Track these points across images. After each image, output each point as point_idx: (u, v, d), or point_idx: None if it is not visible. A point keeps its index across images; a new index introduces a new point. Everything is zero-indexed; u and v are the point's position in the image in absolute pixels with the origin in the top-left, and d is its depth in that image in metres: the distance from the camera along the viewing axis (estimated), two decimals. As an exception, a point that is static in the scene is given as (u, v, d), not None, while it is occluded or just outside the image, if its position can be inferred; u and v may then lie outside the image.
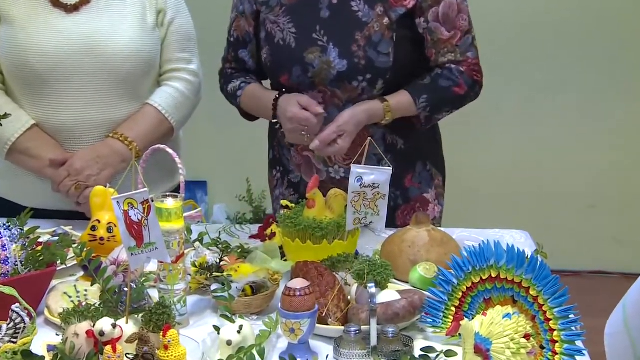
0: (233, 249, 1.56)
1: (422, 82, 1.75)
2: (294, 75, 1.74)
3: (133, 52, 1.80)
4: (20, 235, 1.36)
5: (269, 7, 1.77)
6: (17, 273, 1.33)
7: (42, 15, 1.78)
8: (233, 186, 3.44)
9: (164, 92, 1.88)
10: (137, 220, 1.26)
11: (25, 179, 1.85)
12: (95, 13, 1.80)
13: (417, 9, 1.72)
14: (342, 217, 1.53)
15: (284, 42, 1.74)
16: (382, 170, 1.47)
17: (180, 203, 1.39)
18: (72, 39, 1.76)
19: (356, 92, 1.72)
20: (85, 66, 1.76)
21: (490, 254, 1.27)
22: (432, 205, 1.87)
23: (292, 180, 1.86)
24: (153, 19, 1.85)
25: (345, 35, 1.71)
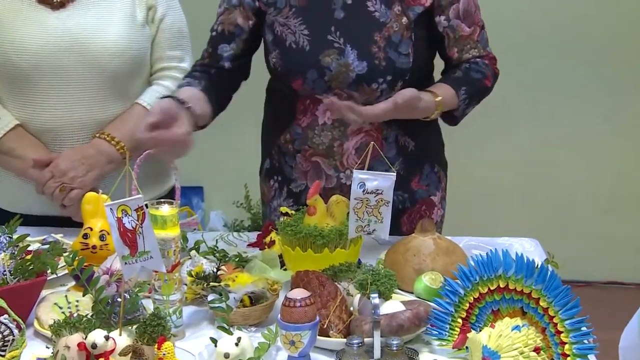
0: (230, 257, 1.51)
1: (456, 76, 1.72)
2: (309, 80, 1.67)
3: (120, 50, 1.75)
4: (9, 243, 1.32)
5: (276, 8, 1.70)
6: (5, 283, 1.29)
7: (27, 11, 1.73)
8: (230, 192, 3.40)
9: (154, 90, 1.84)
10: (131, 228, 1.22)
11: (10, 182, 1.80)
12: (81, 9, 1.75)
13: (436, 7, 1.68)
14: (344, 225, 1.49)
15: (297, 45, 1.67)
16: (385, 175, 1.43)
17: (176, 210, 1.34)
18: (57, 36, 1.71)
19: (374, 94, 1.67)
20: (70, 64, 1.72)
21: (499, 264, 1.23)
22: (436, 209, 1.83)
23: (292, 190, 1.79)
24: (143, 15, 1.81)
25: (363, 36, 1.65)
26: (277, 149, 1.80)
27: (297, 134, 1.73)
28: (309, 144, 1.73)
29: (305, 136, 1.72)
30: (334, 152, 1.71)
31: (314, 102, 1.70)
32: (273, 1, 1.70)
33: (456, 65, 1.75)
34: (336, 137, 1.71)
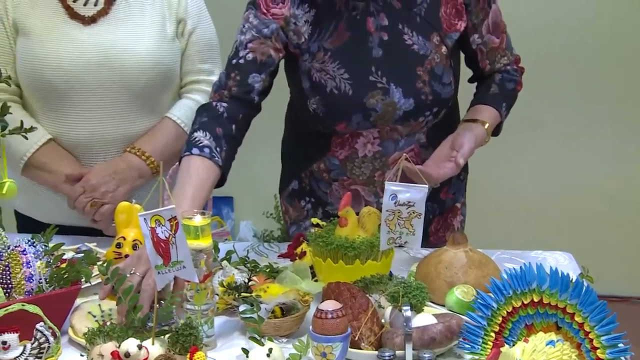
0: (262, 268, 1.52)
1: (493, 92, 1.72)
2: (354, 122, 1.63)
3: (151, 65, 1.76)
4: (44, 252, 1.33)
5: (311, 54, 1.63)
6: (41, 291, 1.30)
7: (59, 27, 1.75)
8: (260, 202, 3.40)
9: (183, 104, 1.85)
10: (164, 238, 1.22)
11: (44, 194, 1.82)
12: (113, 24, 1.76)
13: (470, 27, 1.66)
14: (375, 237, 1.48)
15: (339, 90, 1.62)
16: (418, 188, 1.42)
17: (208, 220, 1.35)
18: (89, 51, 1.73)
19: (419, 126, 1.66)
20: (102, 79, 1.73)
21: (532, 277, 1.21)
22: (458, 215, 1.84)
23: (329, 212, 1.77)
24: (173, 29, 1.81)
25: (406, 72, 1.61)
26: (309, 174, 1.78)
27: (334, 165, 1.72)
28: (348, 174, 1.71)
29: (344, 168, 1.71)
30: (375, 180, 1.70)
31: (353, 136, 1.67)
32: (306, 47, 1.63)
33: (488, 75, 1.74)
34: (377, 168, 1.69)
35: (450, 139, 1.62)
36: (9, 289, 1.28)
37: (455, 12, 1.63)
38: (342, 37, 1.61)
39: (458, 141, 1.60)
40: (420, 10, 1.62)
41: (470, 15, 1.65)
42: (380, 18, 1.61)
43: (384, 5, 1.61)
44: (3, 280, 1.29)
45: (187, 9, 1.83)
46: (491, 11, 1.67)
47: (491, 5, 1.68)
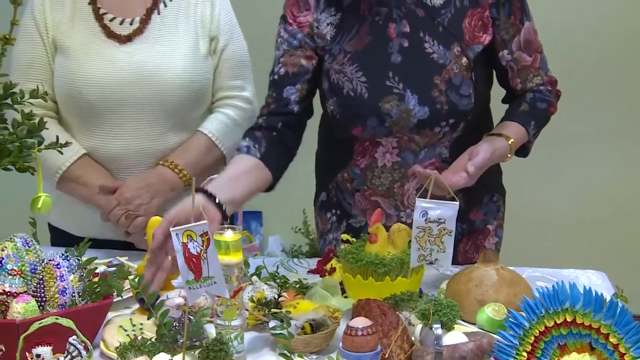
0: (291, 284, 1.52)
1: (522, 109, 1.69)
2: (369, 127, 1.64)
3: (185, 82, 1.79)
4: (78, 265, 1.35)
5: (331, 55, 1.66)
6: (74, 304, 1.32)
7: (96, 45, 1.79)
8: (289, 217, 3.40)
9: (215, 118, 1.87)
10: (195, 253, 1.23)
11: (77, 208, 1.85)
12: (147, 43, 1.80)
13: (499, 42, 1.65)
14: (405, 253, 1.47)
15: (355, 92, 1.63)
16: (448, 205, 1.41)
17: (239, 236, 1.35)
18: (124, 70, 1.76)
19: (437, 137, 1.64)
20: (136, 96, 1.76)
21: (565, 297, 1.19)
22: (491, 237, 1.81)
23: (352, 225, 1.77)
24: (206, 47, 1.84)
25: (422, 80, 1.61)
26: (335, 185, 1.79)
27: (356, 174, 1.72)
28: (368, 184, 1.71)
29: (364, 177, 1.71)
30: (394, 192, 1.70)
31: (373, 144, 1.68)
32: (329, 47, 1.66)
33: (520, 94, 1.72)
34: (396, 179, 1.69)
35: (470, 149, 1.61)
36: (43, 302, 1.30)
37: (481, 24, 1.63)
38: (363, 40, 1.63)
39: (474, 151, 1.59)
40: (444, 20, 1.62)
41: (499, 29, 1.64)
42: (402, 25, 1.62)
43: (407, 13, 1.62)
44: (37, 293, 1.31)
45: (219, 26, 1.85)
46: (524, 28, 1.66)
47: (524, 23, 1.66)
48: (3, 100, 1.34)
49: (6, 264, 1.31)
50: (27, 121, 1.36)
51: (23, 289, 1.30)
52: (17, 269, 1.31)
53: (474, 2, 1.62)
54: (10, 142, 1.34)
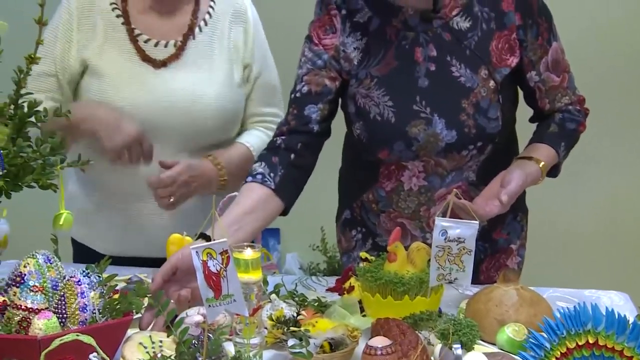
0: (310, 302, 1.52)
1: (551, 131, 1.69)
2: (396, 150, 1.63)
3: (219, 110, 1.81)
4: (98, 282, 1.35)
5: (357, 79, 1.66)
6: (94, 321, 1.32)
7: (130, 69, 1.80)
8: (307, 235, 3.40)
9: (254, 134, 1.90)
10: (215, 271, 1.23)
11: (102, 225, 1.86)
12: (183, 69, 1.81)
13: (526, 63, 1.65)
14: (424, 272, 1.47)
15: (382, 117, 1.63)
16: (468, 224, 1.41)
17: (259, 254, 1.35)
18: (159, 96, 1.77)
19: (464, 160, 1.64)
20: (170, 123, 1.77)
21: (587, 318, 1.18)
22: (513, 256, 1.80)
23: (378, 243, 1.77)
24: (239, 75, 1.86)
25: (450, 104, 1.61)
26: (360, 204, 1.79)
27: (381, 197, 1.72)
28: (394, 207, 1.71)
29: (390, 200, 1.71)
30: (420, 215, 1.69)
31: (399, 168, 1.67)
32: (355, 72, 1.66)
33: (548, 115, 1.71)
34: (422, 202, 1.69)
35: (501, 175, 1.60)
36: (64, 319, 1.31)
37: (508, 47, 1.62)
38: (389, 65, 1.63)
39: (507, 178, 1.58)
40: (470, 44, 1.61)
41: (526, 51, 1.63)
42: (429, 49, 1.62)
43: (434, 37, 1.62)
44: (58, 310, 1.31)
45: (253, 54, 1.88)
46: (551, 49, 1.65)
47: (551, 43, 1.65)
48: (27, 118, 1.36)
49: (28, 281, 1.31)
50: (50, 139, 1.38)
51: (44, 305, 1.30)
52: (38, 286, 1.32)
53: (501, 25, 1.62)
54: (34, 159, 1.36)
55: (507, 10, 1.61)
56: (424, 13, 1.61)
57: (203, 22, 1.84)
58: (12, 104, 1.36)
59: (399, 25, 1.63)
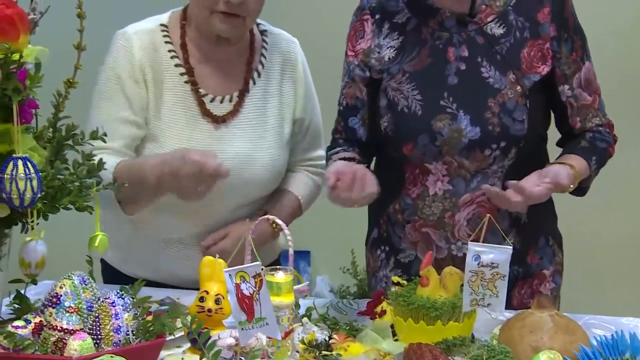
0: (341, 326, 1.51)
1: (582, 145, 1.70)
2: (420, 144, 1.66)
3: (270, 171, 1.82)
4: (132, 304, 1.37)
5: (389, 74, 1.72)
6: (128, 343, 1.33)
7: (187, 129, 1.75)
8: (337, 257, 3.39)
9: (303, 182, 1.93)
10: (248, 294, 1.24)
11: (135, 249, 1.87)
12: (238, 129, 1.79)
13: (559, 76, 1.68)
14: (457, 297, 1.46)
15: (409, 109, 1.68)
16: (502, 249, 1.40)
17: (291, 277, 1.36)
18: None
19: (486, 161, 1.65)
20: (221, 186, 1.68)
21: (625, 347, 1.17)
22: (547, 282, 1.78)
23: (400, 261, 1.77)
24: (289, 129, 1.87)
25: (476, 101, 1.65)
26: (386, 218, 1.79)
27: (407, 204, 1.73)
28: (419, 214, 1.71)
29: (415, 207, 1.71)
30: (445, 223, 1.69)
31: (424, 172, 1.69)
32: (386, 67, 1.72)
33: (578, 134, 1.72)
34: (447, 208, 1.69)
35: (537, 172, 1.60)
36: (99, 340, 1.32)
37: (540, 55, 1.66)
38: (423, 62, 1.69)
39: (546, 169, 1.59)
40: (502, 49, 1.66)
41: (559, 63, 1.67)
42: (461, 49, 1.67)
43: (467, 39, 1.67)
44: (93, 331, 1.32)
45: (304, 108, 1.89)
46: (584, 67, 1.69)
47: (584, 62, 1.69)
48: (65, 141, 1.38)
49: (64, 302, 1.33)
50: (87, 162, 1.40)
51: (79, 326, 1.32)
52: (74, 307, 1.33)
53: (535, 33, 1.66)
54: (71, 181, 1.38)
55: (543, 21, 1.66)
56: (460, 16, 1.68)
57: (257, 74, 1.83)
58: (50, 127, 1.39)
59: (435, 26, 1.70)
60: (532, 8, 1.67)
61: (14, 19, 1.26)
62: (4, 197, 1.27)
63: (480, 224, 1.44)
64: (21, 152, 1.27)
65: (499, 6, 1.68)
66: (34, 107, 1.33)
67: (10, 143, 1.29)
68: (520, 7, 1.68)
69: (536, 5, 1.67)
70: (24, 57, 1.28)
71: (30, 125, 1.35)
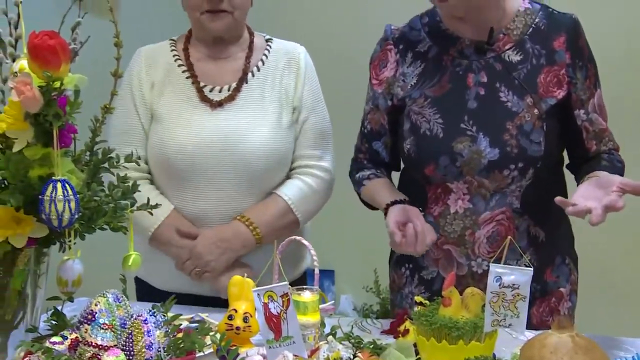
0: (366, 344, 1.54)
1: (604, 165, 1.73)
2: (441, 166, 1.73)
3: (268, 150, 1.89)
4: (164, 322, 1.41)
5: (411, 99, 1.79)
6: (159, 359, 1.37)
7: (188, 112, 1.91)
8: (360, 276, 3.42)
9: (293, 184, 1.95)
10: (276, 313, 1.28)
11: (165, 264, 1.94)
12: (235, 111, 1.91)
13: (575, 100, 1.73)
14: (479, 317, 1.49)
15: (431, 132, 1.75)
16: (522, 270, 1.43)
17: (317, 297, 1.40)
18: (212, 138, 1.88)
19: (505, 181, 1.71)
20: (223, 163, 1.87)
21: (644, 367, 1.19)
22: (564, 301, 1.82)
23: (424, 277, 1.83)
24: (289, 117, 1.94)
25: (495, 124, 1.71)
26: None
27: (430, 222, 1.77)
28: (441, 232, 1.76)
29: (437, 224, 1.76)
30: (466, 240, 1.74)
31: (445, 190, 1.75)
32: (409, 93, 1.78)
33: (592, 157, 1.76)
34: (467, 226, 1.74)
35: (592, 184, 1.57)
36: (131, 356, 1.36)
37: (556, 81, 1.72)
38: (443, 88, 1.76)
39: (606, 179, 1.55)
40: (520, 75, 1.73)
41: (576, 89, 1.73)
42: (480, 75, 1.74)
43: (486, 65, 1.74)
44: (126, 347, 1.37)
45: (302, 98, 1.96)
46: (596, 93, 1.76)
47: (597, 88, 1.76)
48: (101, 164, 1.44)
49: (99, 318, 1.38)
50: (122, 184, 1.46)
51: (113, 342, 1.36)
52: (108, 323, 1.38)
53: (551, 60, 1.73)
54: (106, 203, 1.44)
55: (558, 49, 1.73)
56: (479, 45, 1.75)
57: (256, 68, 1.97)
58: (88, 151, 1.45)
59: (455, 53, 1.77)
60: (547, 37, 1.74)
61: (56, 49, 1.31)
62: (43, 217, 1.33)
63: (502, 245, 1.47)
64: (60, 175, 1.33)
65: (516, 35, 1.75)
66: (73, 132, 1.39)
67: (50, 166, 1.35)
68: (537, 36, 1.74)
69: (552, 35, 1.74)
70: (64, 84, 1.34)
71: (69, 149, 1.41)
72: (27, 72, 1.32)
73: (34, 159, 1.34)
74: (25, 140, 1.34)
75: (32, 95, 1.30)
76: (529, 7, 1.78)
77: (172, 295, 1.52)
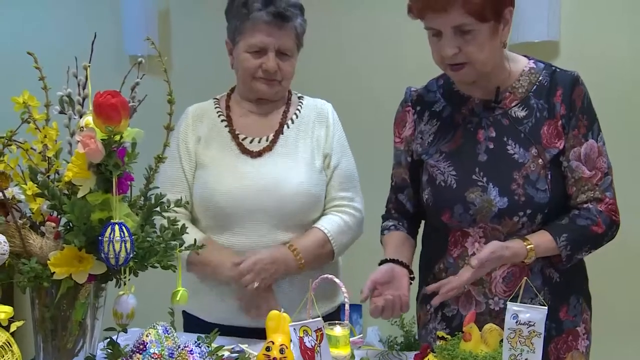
0: (392, 375, 1.65)
1: (560, 222, 1.84)
2: (456, 213, 1.87)
3: (304, 192, 2.08)
4: (208, 352, 1.54)
5: (428, 154, 1.95)
6: (204, 386, 1.50)
7: (231, 160, 2.11)
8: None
9: (330, 219, 2.14)
10: (310, 347, 1.40)
11: (210, 298, 2.11)
12: (274, 159, 2.11)
13: (563, 149, 1.86)
14: (497, 352, 1.60)
15: (446, 183, 1.89)
16: (537, 309, 1.54)
17: (348, 331, 1.52)
18: (255, 182, 2.07)
19: (516, 226, 1.84)
20: (262, 203, 2.06)
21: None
22: (581, 339, 1.92)
23: (446, 314, 1.95)
24: (320, 163, 2.14)
25: (503, 175, 1.85)
26: (432, 277, 1.97)
27: (450, 264, 1.91)
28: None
29: (457, 265, 1.89)
30: (483, 280, 1.86)
31: (463, 235, 1.89)
32: (426, 150, 1.95)
33: (570, 207, 1.86)
34: None
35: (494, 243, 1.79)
36: (179, 384, 1.50)
37: (556, 132, 1.86)
38: (456, 143, 1.92)
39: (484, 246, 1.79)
40: (525, 128, 1.86)
41: (566, 138, 1.85)
42: (489, 131, 1.89)
43: (494, 121, 1.89)
44: (174, 375, 1.51)
45: (332, 146, 2.17)
46: (586, 143, 1.84)
47: (587, 139, 1.85)
48: (154, 208, 1.59)
49: (149, 348, 1.51)
50: (172, 226, 1.60)
51: (163, 371, 1.50)
52: (158, 353, 1.51)
53: (552, 114, 1.87)
54: (158, 243, 1.57)
55: (556, 102, 1.87)
56: (487, 103, 1.91)
57: (291, 121, 2.18)
58: (142, 197, 1.59)
59: (466, 112, 1.93)
60: (549, 92, 1.88)
61: (117, 107, 1.46)
62: (102, 256, 1.46)
63: (517, 285, 1.59)
64: (118, 218, 1.46)
65: (521, 92, 1.90)
66: (130, 180, 1.54)
67: (110, 210, 1.48)
68: (540, 92, 1.89)
69: (553, 90, 1.88)
70: (124, 137, 1.48)
71: (126, 195, 1.54)
72: (92, 127, 1.47)
73: (95, 204, 1.47)
74: (88, 187, 1.48)
75: (96, 147, 1.44)
76: (534, 66, 1.92)
77: (216, 327, 1.65)
